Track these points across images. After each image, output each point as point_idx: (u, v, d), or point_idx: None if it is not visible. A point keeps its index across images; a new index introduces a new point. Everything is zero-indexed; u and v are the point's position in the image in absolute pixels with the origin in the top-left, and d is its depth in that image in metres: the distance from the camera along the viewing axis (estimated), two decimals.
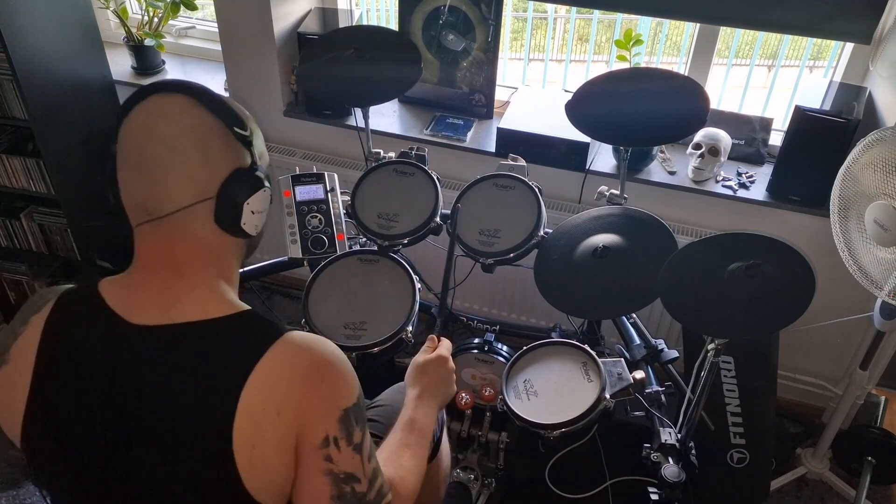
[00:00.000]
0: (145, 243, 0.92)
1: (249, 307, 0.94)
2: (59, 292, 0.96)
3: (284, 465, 0.89)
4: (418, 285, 1.67)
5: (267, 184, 0.96)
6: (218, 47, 2.42)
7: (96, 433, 0.90)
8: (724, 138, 2.05)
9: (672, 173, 2.12)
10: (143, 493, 0.89)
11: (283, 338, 0.90)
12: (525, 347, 1.66)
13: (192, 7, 2.41)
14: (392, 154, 1.91)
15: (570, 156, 2.10)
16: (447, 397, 1.30)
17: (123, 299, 0.92)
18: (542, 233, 1.70)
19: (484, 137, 2.26)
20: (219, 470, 0.85)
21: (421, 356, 1.32)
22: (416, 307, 1.63)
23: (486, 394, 1.80)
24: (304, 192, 1.74)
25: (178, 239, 0.91)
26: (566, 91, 2.26)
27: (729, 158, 2.09)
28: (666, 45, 3.57)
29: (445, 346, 1.35)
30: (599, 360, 1.55)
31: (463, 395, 1.80)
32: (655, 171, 2.13)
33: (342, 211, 1.74)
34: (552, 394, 1.55)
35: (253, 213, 0.94)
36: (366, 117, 1.91)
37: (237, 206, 0.92)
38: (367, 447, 0.95)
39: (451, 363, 1.32)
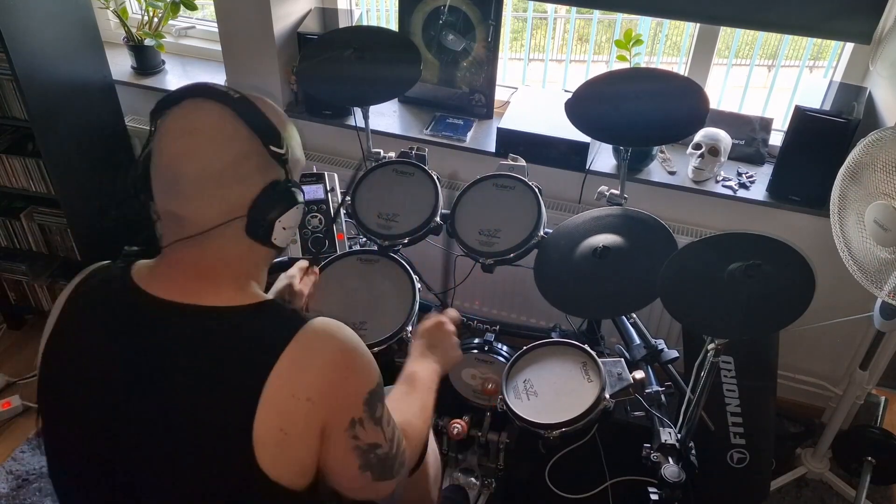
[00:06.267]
0: (172, 248, 0.93)
1: (272, 298, 0.96)
2: (99, 265, 1.00)
3: (311, 448, 0.91)
4: (418, 285, 1.67)
5: (300, 198, 0.96)
6: (218, 47, 2.42)
7: (106, 396, 0.91)
8: (724, 138, 2.05)
9: (672, 173, 2.12)
10: (148, 467, 0.90)
11: (307, 326, 0.90)
12: (525, 347, 1.66)
13: (192, 7, 2.41)
14: (392, 154, 1.91)
15: (570, 156, 2.10)
16: (450, 362, 1.36)
17: (148, 281, 0.94)
18: (542, 233, 1.70)
19: (484, 137, 2.26)
20: (235, 452, 0.85)
21: (436, 317, 1.38)
22: (416, 307, 1.63)
23: (489, 387, 1.79)
24: (304, 192, 1.73)
25: (208, 251, 0.92)
26: (566, 91, 2.26)
27: (729, 158, 2.09)
28: (666, 45, 3.58)
29: (453, 317, 1.42)
30: (599, 360, 1.55)
31: (455, 424, 1.74)
32: (655, 171, 2.13)
33: (342, 211, 1.74)
34: (552, 394, 1.55)
35: (284, 228, 0.95)
36: (366, 117, 1.91)
37: (269, 222, 0.92)
38: (386, 416, 0.99)
39: (455, 336, 1.39)
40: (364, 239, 1.84)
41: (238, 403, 0.85)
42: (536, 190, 1.74)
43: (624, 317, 1.86)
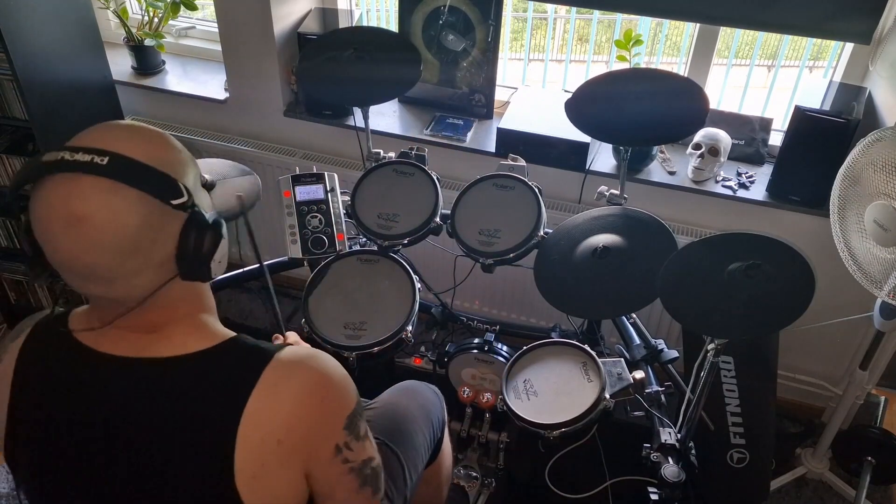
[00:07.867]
0: (112, 311, 0.87)
1: (234, 334, 0.91)
2: (35, 320, 0.95)
3: (290, 486, 0.89)
4: (418, 285, 1.67)
5: (223, 230, 0.89)
6: (218, 47, 2.42)
7: (77, 465, 0.89)
8: (724, 138, 2.05)
9: (672, 173, 2.12)
10: None
11: (273, 362, 0.87)
12: (525, 347, 1.66)
13: (192, 7, 2.41)
14: (392, 154, 1.91)
15: (570, 156, 2.09)
16: None
17: (95, 339, 0.89)
18: (542, 233, 1.70)
19: (484, 137, 2.26)
20: (221, 498, 0.85)
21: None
22: (416, 307, 1.63)
23: (485, 400, 1.80)
24: (304, 192, 1.74)
25: (151, 308, 0.87)
26: (566, 91, 2.26)
27: (729, 158, 2.08)
28: (666, 45, 3.57)
29: (293, 338, 1.36)
30: (599, 360, 1.55)
31: (465, 388, 1.81)
32: (655, 171, 2.13)
33: (342, 211, 1.74)
34: (552, 394, 1.55)
35: (220, 262, 0.90)
36: (366, 117, 1.91)
37: (205, 265, 0.87)
38: (367, 429, 0.98)
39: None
40: (364, 239, 1.84)
41: (215, 453, 0.84)
42: (536, 190, 1.74)
43: (624, 317, 1.86)
